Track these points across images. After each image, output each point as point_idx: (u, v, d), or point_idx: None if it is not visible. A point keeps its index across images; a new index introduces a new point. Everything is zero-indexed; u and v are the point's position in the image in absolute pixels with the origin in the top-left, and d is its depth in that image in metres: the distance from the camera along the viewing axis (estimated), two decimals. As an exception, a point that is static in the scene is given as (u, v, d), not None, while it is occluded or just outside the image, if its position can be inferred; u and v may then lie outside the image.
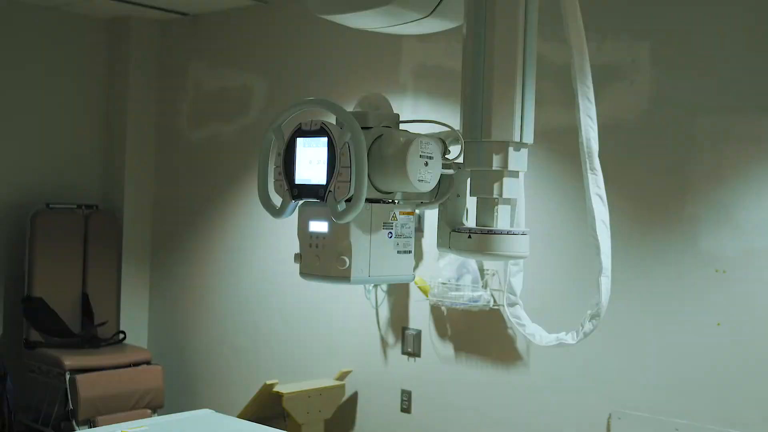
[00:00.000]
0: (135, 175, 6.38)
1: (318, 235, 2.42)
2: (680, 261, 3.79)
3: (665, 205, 3.85)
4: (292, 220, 2.50)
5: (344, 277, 2.37)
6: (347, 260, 2.35)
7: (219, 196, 5.92)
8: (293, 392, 4.62)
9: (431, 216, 3.48)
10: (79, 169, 6.40)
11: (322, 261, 2.41)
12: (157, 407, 5.56)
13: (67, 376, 5.28)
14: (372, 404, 4.92)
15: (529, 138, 2.53)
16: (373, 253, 2.41)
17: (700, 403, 3.70)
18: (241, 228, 5.74)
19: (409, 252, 2.52)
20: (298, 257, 2.49)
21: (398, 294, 4.80)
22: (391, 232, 2.46)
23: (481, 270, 4.34)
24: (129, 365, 5.60)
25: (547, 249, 4.18)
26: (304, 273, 2.49)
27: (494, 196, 2.53)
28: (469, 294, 4.29)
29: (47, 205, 5.94)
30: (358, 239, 2.37)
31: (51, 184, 6.20)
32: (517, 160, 2.52)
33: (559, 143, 3.95)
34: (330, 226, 2.39)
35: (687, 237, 3.77)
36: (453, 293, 4.35)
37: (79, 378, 5.27)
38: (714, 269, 3.70)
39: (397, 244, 2.48)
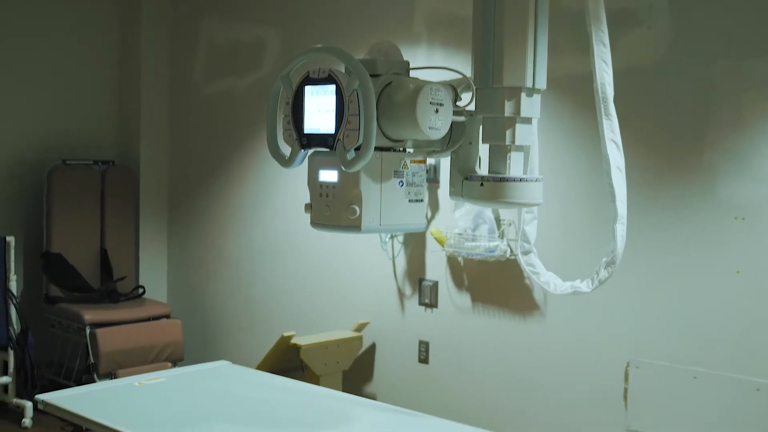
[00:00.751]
0: (150, 130, 6.38)
1: (328, 185, 2.41)
2: (699, 208, 3.74)
3: (683, 152, 3.80)
4: (306, 171, 2.49)
5: (355, 226, 2.36)
6: (357, 209, 2.34)
7: (234, 149, 5.91)
8: (311, 344, 4.64)
9: (447, 167, 3.47)
10: (94, 125, 6.39)
11: (333, 210, 2.40)
12: (177, 360, 5.61)
13: (88, 331, 5.33)
14: (390, 355, 4.93)
15: (542, 83, 2.49)
16: (384, 201, 2.40)
17: (718, 352, 3.68)
18: (257, 181, 5.73)
19: (421, 201, 2.50)
20: (308, 207, 2.48)
21: (414, 245, 4.78)
22: (402, 181, 2.44)
23: (498, 220, 4.31)
24: (148, 319, 5.64)
25: (562, 196, 4.14)
26: (314, 223, 2.48)
27: (507, 143, 2.50)
28: (486, 244, 4.26)
29: (63, 161, 5.95)
30: (368, 188, 2.35)
31: (67, 141, 6.20)
32: (530, 106, 2.48)
33: (573, 89, 3.90)
34: (340, 175, 2.37)
35: (705, 184, 3.72)
36: (469, 244, 4.33)
37: (99, 332, 5.31)
38: (733, 217, 3.65)
39: (408, 193, 2.46)
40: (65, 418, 2.92)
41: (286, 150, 2.43)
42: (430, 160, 4.57)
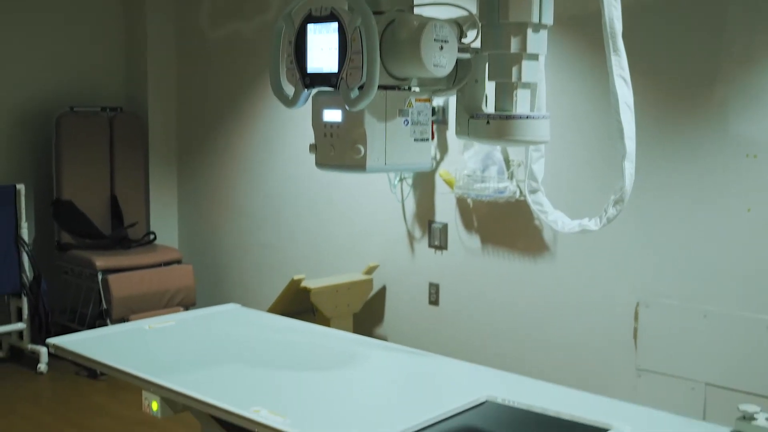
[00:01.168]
0: (157, 75, 6.34)
1: (332, 125, 2.38)
2: (709, 146, 3.70)
3: (693, 89, 3.75)
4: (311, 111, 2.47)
5: (359, 165, 2.33)
6: (362, 149, 2.31)
7: (242, 93, 5.87)
8: (321, 287, 4.65)
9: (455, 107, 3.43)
10: (101, 72, 6.36)
11: (337, 150, 2.37)
12: (189, 305, 5.65)
13: (100, 277, 5.36)
14: (400, 298, 4.95)
15: (548, 19, 2.44)
16: (389, 141, 2.37)
17: (729, 290, 3.67)
18: (267, 124, 5.70)
19: (426, 140, 2.47)
20: (313, 148, 2.46)
21: (424, 187, 4.77)
22: (407, 120, 2.41)
23: (507, 161, 4.29)
24: (160, 265, 5.67)
25: (569, 134, 4.11)
26: (319, 163, 2.46)
27: (513, 80, 2.46)
28: (495, 185, 4.24)
29: (71, 108, 5.93)
30: (372, 127, 2.33)
31: (74, 88, 6.18)
32: (537, 42, 2.43)
33: (580, 25, 3.84)
34: (344, 115, 2.34)
35: (717, 121, 3.68)
36: (478, 185, 4.31)
37: (111, 278, 5.34)
38: (745, 154, 3.62)
39: (414, 132, 2.44)
40: (76, 361, 2.94)
41: (289, 90, 2.40)
42: (438, 102, 4.56)
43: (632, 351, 3.95)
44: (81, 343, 3.01)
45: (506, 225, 4.40)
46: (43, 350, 5.39)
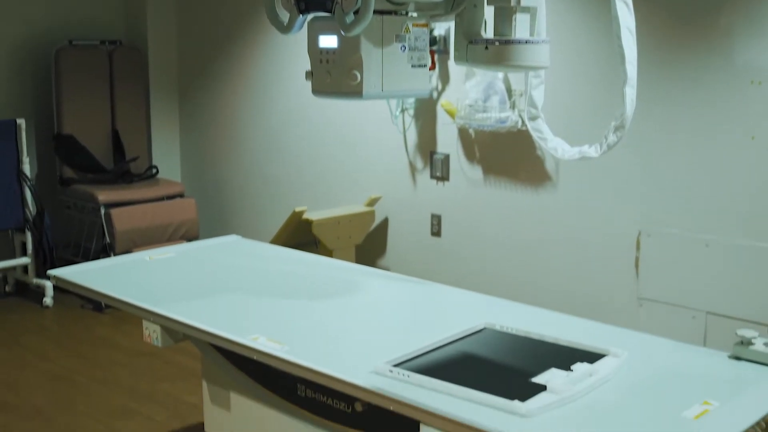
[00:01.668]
0: (157, 8, 6.25)
1: (328, 51, 2.35)
2: (713, 72, 3.65)
3: (698, 14, 3.68)
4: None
5: (356, 92, 2.31)
6: (358, 75, 2.29)
7: (243, 24, 5.80)
8: (323, 219, 4.65)
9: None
10: (99, 4, 6.27)
11: (334, 77, 2.35)
12: (192, 239, 5.65)
13: (102, 211, 5.36)
14: (402, 229, 4.94)
15: (548, -60, 2.39)
16: (386, 67, 2.34)
17: (731, 219, 3.65)
18: (268, 56, 5.64)
19: (424, 66, 2.44)
20: (309, 75, 2.43)
21: (425, 118, 4.73)
22: (404, 45, 2.38)
23: (509, 90, 4.24)
24: (162, 198, 5.66)
25: (570, 60, 4.05)
26: (316, 90, 2.43)
27: (512, 4, 2.42)
28: (497, 115, 4.20)
29: (70, 42, 5.86)
30: (369, 53, 2.30)
31: (72, 21, 6.10)
32: (536, -36, 2.39)
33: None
34: (340, 41, 2.31)
35: (721, 47, 3.62)
36: (480, 115, 4.27)
37: (114, 212, 5.34)
38: (749, 81, 3.56)
39: (411, 58, 2.40)
40: (77, 292, 2.95)
41: (284, 16, 2.37)
42: (440, 31, 4.49)
43: (634, 280, 3.96)
44: (82, 274, 3.02)
45: (508, 155, 4.37)
46: (48, 284, 5.41)
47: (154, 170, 6.03)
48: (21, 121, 5.41)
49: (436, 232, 4.75)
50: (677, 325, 3.78)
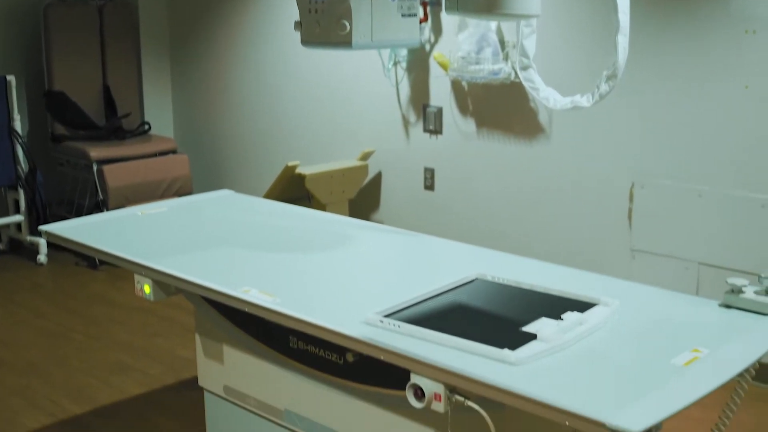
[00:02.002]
0: (146, -39, 6.19)
1: (317, 1, 2.32)
2: (707, 20, 3.62)
3: (694, -36, 3.65)
4: None
5: (345, 42, 2.28)
6: (347, 24, 2.26)
7: (233, -21, 5.74)
8: (316, 173, 4.63)
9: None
10: (88, -43, 6.20)
11: (323, 27, 2.32)
12: (185, 194, 5.63)
13: (95, 167, 5.34)
14: (395, 183, 4.93)
15: None
16: (376, 16, 2.31)
17: (724, 169, 3.64)
18: (260, 10, 5.58)
19: (414, 15, 2.41)
20: (297, 25, 2.40)
21: (418, 71, 4.69)
22: (393, -6, 2.35)
23: (502, 42, 4.20)
24: (155, 155, 5.64)
25: (562, 8, 4.01)
26: (305, 41, 2.40)
27: (503, -49, 2.38)
28: (490, 67, 4.17)
29: (58, -4, 5.81)
30: (358, 2, 2.26)
31: (61, -25, 6.03)
32: None
33: None
34: (328, -11, 2.28)
35: (716, -4, 3.59)
36: (473, 67, 4.24)
37: (107, 168, 5.32)
38: (744, 30, 3.54)
39: (401, 7, 2.37)
40: (69, 247, 2.94)
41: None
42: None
43: (627, 232, 3.96)
44: (73, 229, 3.01)
45: (501, 108, 4.35)
46: (42, 242, 5.41)
47: (147, 126, 6.00)
48: (11, 78, 5.36)
49: (430, 185, 4.74)
50: (670, 276, 3.79)
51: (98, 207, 5.37)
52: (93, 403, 3.48)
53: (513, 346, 1.92)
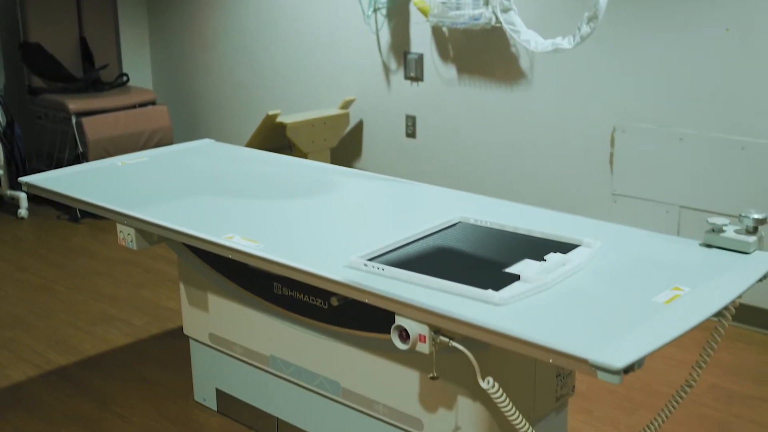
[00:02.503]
0: None
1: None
2: (689, -36, 3.60)
3: None
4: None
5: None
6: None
7: (209, -74, 5.65)
8: (297, 122, 4.61)
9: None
10: None
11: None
12: (166, 146, 5.60)
13: (74, 120, 5.29)
14: (377, 131, 4.91)
15: None
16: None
17: (705, 112, 3.65)
18: (235, -41, 5.51)
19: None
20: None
21: (398, 17, 4.65)
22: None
23: (482, -13, 4.17)
24: (134, 106, 5.58)
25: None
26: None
27: None
28: (470, 12, 4.14)
29: (31, -55, 5.70)
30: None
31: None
32: None
33: None
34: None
35: (697, -63, 3.57)
36: (453, 12, 4.20)
37: (86, 121, 5.27)
38: (724, -29, 3.53)
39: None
40: (49, 198, 2.92)
41: None
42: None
43: (608, 176, 3.97)
44: (54, 180, 2.99)
45: (482, 53, 4.32)
46: (23, 195, 5.38)
47: (125, 78, 5.93)
48: (-15, 30, 5.29)
49: (411, 133, 4.73)
50: (651, 219, 3.81)
51: (78, 160, 5.33)
52: (79, 354, 3.48)
53: (497, 287, 1.93)
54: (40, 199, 5.67)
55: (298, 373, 2.58)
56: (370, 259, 2.14)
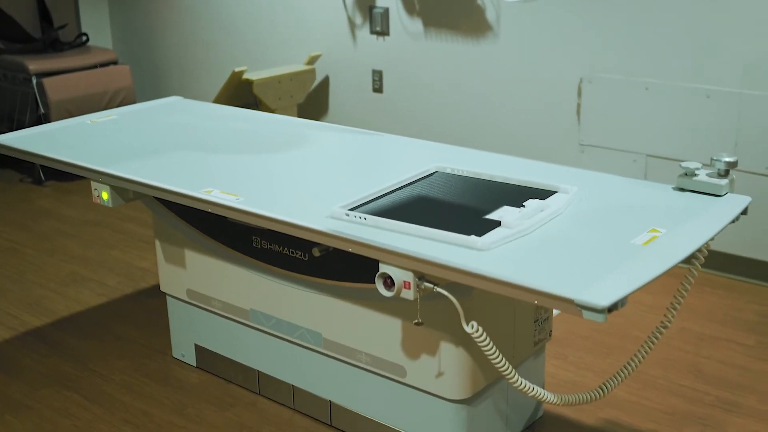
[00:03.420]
0: None
1: None
2: None
3: None
4: None
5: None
6: None
7: None
8: (263, 78, 4.58)
9: None
10: None
11: None
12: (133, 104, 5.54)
13: (34, 81, 5.21)
14: (344, 86, 4.90)
15: None
16: None
17: (670, 62, 3.68)
18: None
19: None
20: None
21: (363, -28, 4.63)
22: None
23: (447, -61, 4.15)
24: (95, 66, 5.51)
25: None
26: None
27: None
28: (436, -35, 4.13)
29: None
30: None
31: None
32: None
33: None
34: None
35: None
36: (419, -34, 4.19)
37: (47, 81, 5.19)
38: None
39: None
40: (18, 158, 2.89)
41: None
42: None
43: (575, 127, 4.01)
44: (23, 140, 2.96)
45: (448, 6, 4.32)
46: (-16, 159, 5.31)
47: (84, 38, 5.84)
48: (-61, -10, 5.17)
49: (378, 88, 4.73)
50: (618, 168, 3.86)
51: (40, 121, 5.25)
52: (52, 315, 3.47)
53: (479, 233, 1.96)
54: (1, 161, 5.61)
55: (279, 326, 2.60)
56: (351, 209, 2.15)
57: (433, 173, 2.47)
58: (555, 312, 2.73)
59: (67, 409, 2.77)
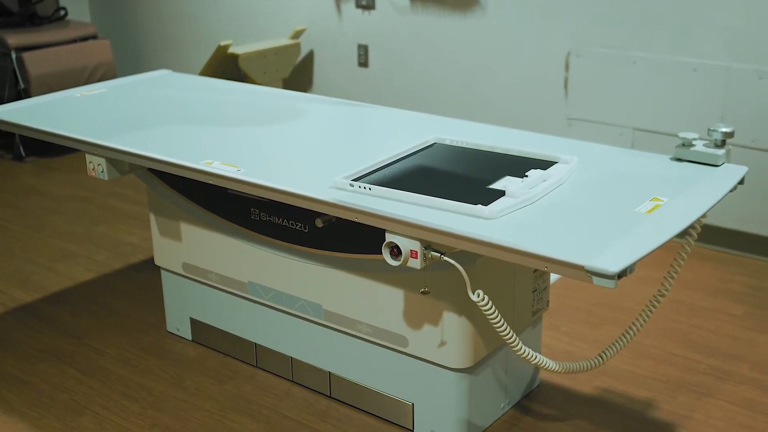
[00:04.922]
0: None
1: None
2: None
3: None
4: None
5: None
6: None
7: None
8: (248, 52, 4.55)
9: None
10: None
11: None
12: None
13: (14, 55, 5.14)
14: (329, 61, 4.88)
15: None
16: None
17: (657, 36, 3.70)
18: None
19: None
20: None
21: (348, -55, 4.61)
22: None
23: None
24: (74, 41, 5.45)
25: None
26: None
27: None
28: (423, -62, 4.12)
29: None
30: None
31: None
32: None
33: None
34: None
35: None
36: (406, -61, 4.17)
37: (26, 56, 5.13)
38: None
39: None
40: (10, 131, 2.86)
41: None
42: None
43: (563, 100, 4.02)
44: (13, 113, 2.93)
45: (435, -20, 4.31)
46: (-37, 135, 5.24)
47: (63, 12, 5.77)
48: None
49: (364, 62, 4.71)
50: (605, 142, 3.88)
51: (20, 96, 5.19)
52: (42, 290, 3.45)
53: (484, 203, 1.97)
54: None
55: (278, 298, 2.60)
56: (355, 180, 2.15)
57: (433, 144, 2.48)
58: (552, 278, 2.75)
59: (63, 384, 2.76)
